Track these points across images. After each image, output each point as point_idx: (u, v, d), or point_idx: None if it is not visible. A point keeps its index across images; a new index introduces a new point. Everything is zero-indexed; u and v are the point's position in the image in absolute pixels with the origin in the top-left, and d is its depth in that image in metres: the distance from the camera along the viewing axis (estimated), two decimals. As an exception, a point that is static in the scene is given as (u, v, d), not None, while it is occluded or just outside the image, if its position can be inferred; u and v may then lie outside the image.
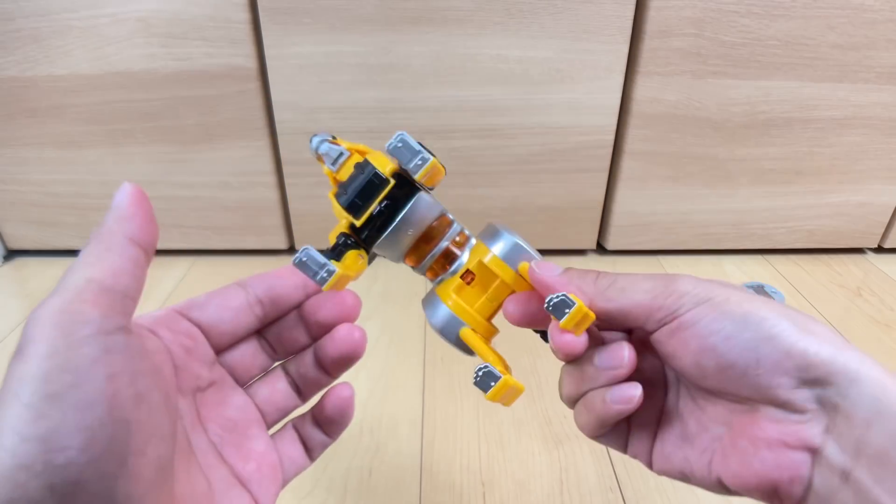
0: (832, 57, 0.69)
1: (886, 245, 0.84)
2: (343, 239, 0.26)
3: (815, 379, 0.21)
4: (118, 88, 0.69)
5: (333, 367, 0.27)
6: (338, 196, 0.26)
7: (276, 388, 0.28)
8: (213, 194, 0.76)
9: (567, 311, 0.24)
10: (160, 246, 0.96)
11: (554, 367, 0.37)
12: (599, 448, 0.50)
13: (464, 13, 0.65)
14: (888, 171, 0.77)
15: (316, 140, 0.27)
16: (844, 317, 0.70)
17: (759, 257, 0.84)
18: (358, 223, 0.26)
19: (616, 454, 0.50)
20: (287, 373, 0.28)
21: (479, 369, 0.26)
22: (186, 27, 0.66)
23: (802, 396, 0.21)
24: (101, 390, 0.16)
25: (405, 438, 0.51)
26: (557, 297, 0.24)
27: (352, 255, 0.26)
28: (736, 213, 0.80)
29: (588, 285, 0.25)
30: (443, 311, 0.28)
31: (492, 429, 0.52)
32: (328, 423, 0.28)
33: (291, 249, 0.82)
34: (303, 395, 0.29)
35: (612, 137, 0.73)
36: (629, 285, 0.25)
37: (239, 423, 0.26)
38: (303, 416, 0.29)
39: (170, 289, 0.74)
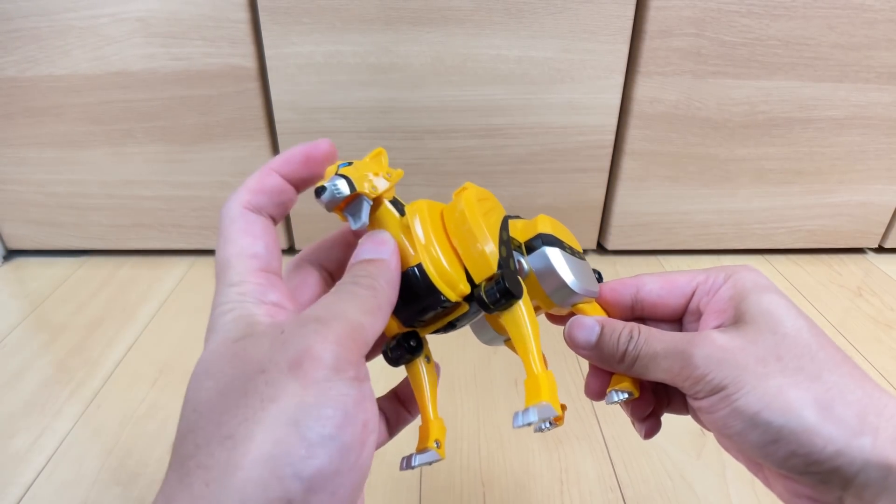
0: (832, 57, 0.69)
1: (887, 245, 0.84)
2: (401, 350, 0.25)
3: (820, 472, 0.22)
4: (117, 88, 0.69)
5: None
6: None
7: None
8: (212, 194, 0.76)
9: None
10: (159, 246, 0.95)
11: (554, 367, 0.37)
12: (599, 448, 0.50)
13: (464, 13, 0.65)
14: (888, 171, 0.77)
15: (327, 198, 0.21)
16: (844, 317, 0.70)
17: (759, 257, 0.84)
18: (423, 332, 0.26)
19: (616, 454, 0.50)
20: None
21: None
22: (186, 27, 0.66)
23: (812, 479, 0.23)
24: (358, 436, 0.17)
25: (405, 438, 0.51)
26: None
27: (416, 367, 0.26)
28: (736, 213, 0.80)
29: (616, 364, 0.27)
30: None
31: (492, 429, 0.52)
32: (411, 401, 0.28)
33: (291, 249, 0.82)
34: None
35: (612, 137, 0.73)
36: (650, 362, 0.25)
37: None
38: (387, 394, 0.29)
39: (170, 289, 0.74)
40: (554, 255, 0.26)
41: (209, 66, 0.68)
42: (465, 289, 0.23)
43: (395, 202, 0.23)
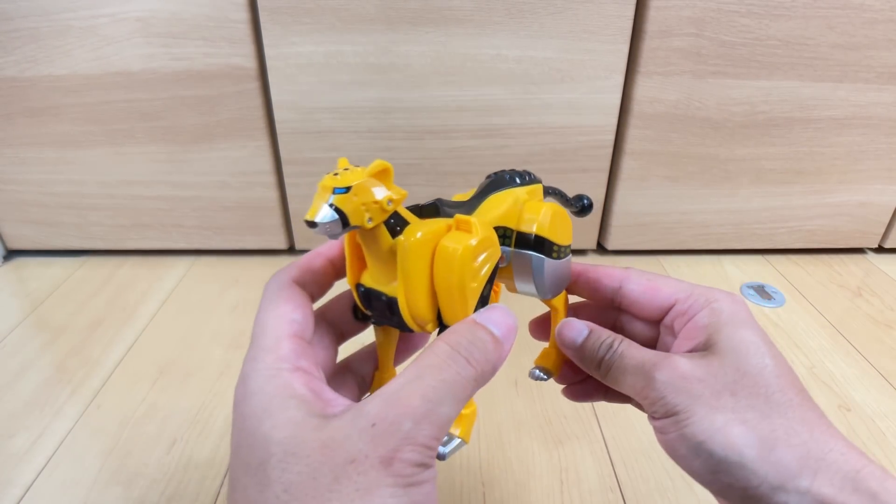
0: (832, 57, 0.69)
1: (887, 245, 0.84)
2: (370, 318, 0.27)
3: None
4: (117, 88, 0.69)
5: None
6: (359, 309, 0.26)
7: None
8: (212, 194, 0.76)
9: None
10: (159, 246, 0.95)
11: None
12: (599, 448, 0.50)
13: (464, 13, 0.65)
14: (888, 171, 0.77)
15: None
16: (844, 317, 0.70)
17: (759, 257, 0.84)
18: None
19: (616, 454, 0.50)
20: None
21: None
22: (186, 27, 0.66)
23: None
24: None
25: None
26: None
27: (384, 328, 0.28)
28: (736, 213, 0.80)
29: (594, 369, 0.29)
30: None
31: (492, 429, 0.52)
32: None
33: (291, 249, 0.82)
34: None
35: (612, 137, 0.73)
36: (620, 376, 0.27)
37: None
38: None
39: (170, 289, 0.74)
40: (536, 264, 0.28)
41: (209, 66, 0.68)
42: (432, 328, 0.24)
43: (396, 217, 0.23)
